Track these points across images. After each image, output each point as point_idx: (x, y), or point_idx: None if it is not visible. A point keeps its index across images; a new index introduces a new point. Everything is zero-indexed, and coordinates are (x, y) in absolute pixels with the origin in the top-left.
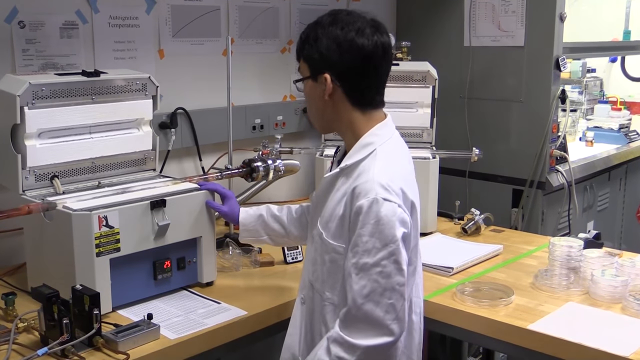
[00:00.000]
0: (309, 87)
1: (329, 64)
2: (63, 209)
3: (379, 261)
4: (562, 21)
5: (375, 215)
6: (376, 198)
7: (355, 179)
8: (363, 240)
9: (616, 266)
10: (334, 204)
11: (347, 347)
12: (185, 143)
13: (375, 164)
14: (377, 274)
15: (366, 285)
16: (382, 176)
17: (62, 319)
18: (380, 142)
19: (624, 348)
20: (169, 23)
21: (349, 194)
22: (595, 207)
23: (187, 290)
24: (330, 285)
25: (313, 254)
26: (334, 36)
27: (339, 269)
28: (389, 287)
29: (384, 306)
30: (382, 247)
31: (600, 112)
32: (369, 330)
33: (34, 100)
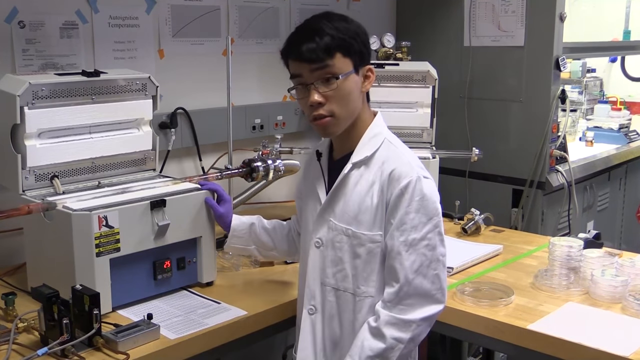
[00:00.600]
0: (349, 82)
1: (367, 56)
2: (63, 209)
3: (426, 234)
4: (562, 21)
5: (420, 192)
6: (419, 176)
7: (382, 166)
8: (410, 217)
9: (616, 266)
10: (359, 196)
11: (402, 325)
12: (185, 143)
13: (399, 149)
14: (424, 247)
15: (415, 260)
16: (413, 158)
17: (62, 319)
18: (385, 132)
19: (624, 348)
20: (169, 23)
21: (385, 181)
22: (595, 207)
23: (187, 290)
24: (366, 277)
25: (331, 256)
26: (364, 31)
27: (375, 258)
28: (435, 259)
29: (431, 277)
30: (427, 221)
31: (600, 112)
32: (419, 303)
33: (34, 100)
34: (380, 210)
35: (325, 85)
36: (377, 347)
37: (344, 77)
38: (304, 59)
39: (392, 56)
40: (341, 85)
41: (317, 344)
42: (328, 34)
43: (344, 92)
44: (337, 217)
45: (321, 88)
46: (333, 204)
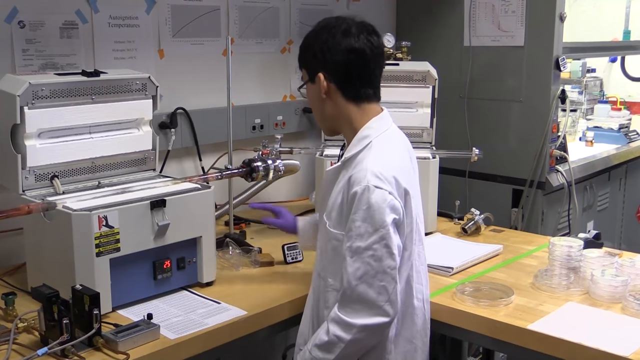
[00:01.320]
0: (310, 90)
1: (321, 64)
2: (63, 209)
3: (371, 245)
4: (562, 21)
5: (367, 202)
6: (368, 185)
7: (352, 169)
8: (356, 225)
9: (616, 266)
10: (335, 194)
11: (344, 326)
12: (185, 143)
13: (369, 155)
14: (369, 257)
15: (359, 268)
16: (375, 165)
17: (62, 319)
18: (375, 135)
19: (624, 348)
20: (169, 23)
21: (346, 183)
22: (595, 207)
23: (187, 290)
24: (332, 271)
25: (321, 244)
26: (324, 39)
27: (339, 255)
28: (381, 270)
29: (377, 288)
30: (373, 232)
31: (600, 112)
32: (363, 310)
33: (34, 100)
34: (344, 211)
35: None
36: (322, 339)
37: (305, 87)
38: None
39: (392, 56)
40: (307, 94)
41: (310, 319)
42: (300, 48)
43: (309, 99)
44: (323, 209)
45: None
46: (325, 197)
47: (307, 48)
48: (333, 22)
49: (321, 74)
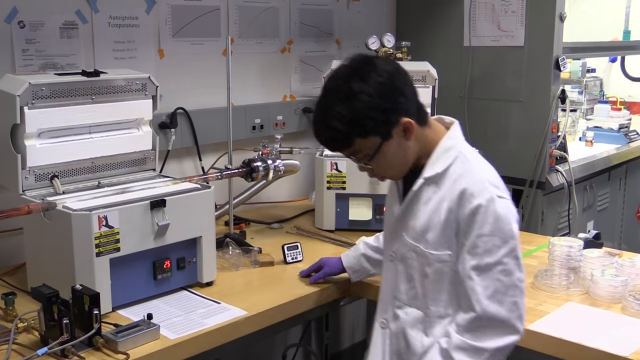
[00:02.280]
0: (387, 148)
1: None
2: (63, 209)
3: (501, 259)
4: (562, 21)
5: (494, 213)
6: (492, 197)
7: (455, 183)
8: (483, 240)
9: (616, 266)
10: (428, 214)
11: (474, 352)
12: (185, 143)
13: (475, 165)
14: (499, 272)
15: (489, 286)
16: (489, 174)
17: (62, 319)
18: (460, 145)
19: (624, 348)
20: (168, 23)
21: (454, 199)
22: (595, 207)
23: (187, 290)
24: (434, 297)
25: (404, 272)
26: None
27: (443, 277)
28: (511, 285)
29: (508, 305)
30: (502, 244)
31: (600, 112)
32: (494, 331)
33: (34, 100)
34: (449, 230)
35: (360, 162)
36: None
37: (375, 154)
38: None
39: (392, 56)
40: (375, 160)
41: (386, 358)
42: (334, 128)
43: (381, 161)
44: (408, 232)
45: (358, 162)
46: (405, 218)
47: (366, 112)
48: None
49: (404, 119)
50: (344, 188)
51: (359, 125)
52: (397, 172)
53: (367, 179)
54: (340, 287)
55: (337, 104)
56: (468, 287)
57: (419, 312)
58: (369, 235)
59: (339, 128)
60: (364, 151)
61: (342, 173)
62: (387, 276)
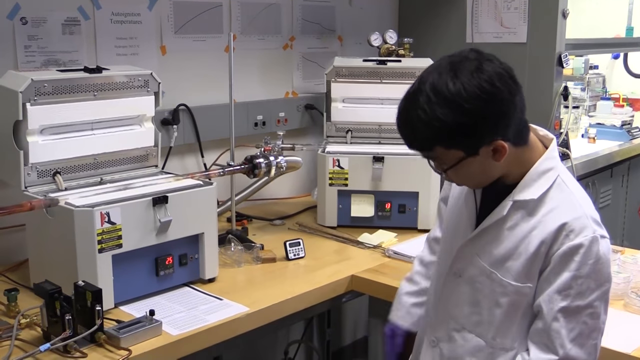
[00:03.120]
0: (471, 164)
1: (494, 130)
2: (65, 205)
3: (592, 302)
4: (564, 17)
5: (596, 255)
6: (595, 236)
7: (550, 212)
8: (578, 282)
9: (618, 263)
10: (514, 241)
11: None
12: (188, 139)
13: (574, 195)
14: (587, 315)
15: (574, 328)
16: (591, 210)
17: (64, 315)
18: (559, 168)
19: (626, 345)
20: (171, 19)
21: (551, 232)
22: (598, 204)
23: (189, 286)
24: (504, 330)
25: (470, 294)
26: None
27: (518, 310)
28: (596, 328)
29: (588, 348)
30: (596, 288)
31: (603, 108)
32: None
33: (36, 97)
34: (537, 263)
35: (437, 168)
36: None
37: (453, 166)
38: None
39: (394, 53)
40: (454, 171)
41: None
42: (421, 129)
43: (459, 173)
44: (483, 255)
45: (435, 169)
46: (482, 238)
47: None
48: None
49: (498, 142)
50: (346, 185)
51: (444, 133)
52: (475, 184)
53: (369, 176)
54: (342, 283)
55: (429, 103)
56: (552, 329)
57: (481, 340)
58: (371, 232)
59: (421, 131)
60: (443, 160)
61: (344, 170)
62: (445, 293)
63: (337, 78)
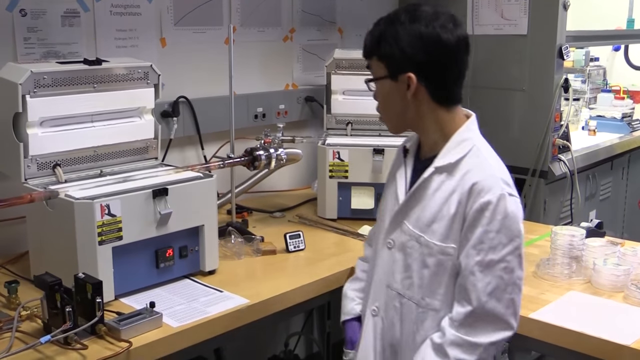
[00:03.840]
0: (387, 87)
1: (413, 62)
2: (65, 197)
3: (505, 256)
4: (565, 9)
5: (504, 211)
6: (503, 194)
7: (465, 175)
8: (490, 236)
9: (618, 255)
10: (437, 204)
11: (468, 347)
12: (188, 132)
13: (487, 159)
14: (501, 269)
15: (490, 282)
16: (500, 172)
17: (64, 307)
18: (475, 138)
19: (626, 337)
20: (170, 11)
21: (465, 192)
22: (598, 196)
23: (190, 278)
24: (432, 290)
25: (402, 260)
26: (418, 33)
27: (444, 271)
28: (511, 282)
29: (505, 301)
30: (508, 242)
31: (603, 101)
32: (489, 327)
33: (36, 89)
34: (456, 223)
35: (370, 80)
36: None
37: (379, 82)
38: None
39: None
40: (377, 89)
41: (377, 346)
42: (372, 34)
43: (379, 95)
44: (412, 221)
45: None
46: (410, 207)
47: (393, 40)
48: (426, 14)
49: (412, 75)
50: (346, 177)
51: (380, 45)
52: (387, 116)
53: (369, 168)
54: (342, 275)
55: (385, 21)
56: (469, 282)
57: (412, 303)
58: (371, 224)
59: (373, 37)
60: (373, 73)
61: (345, 162)
62: (381, 264)
63: (337, 70)
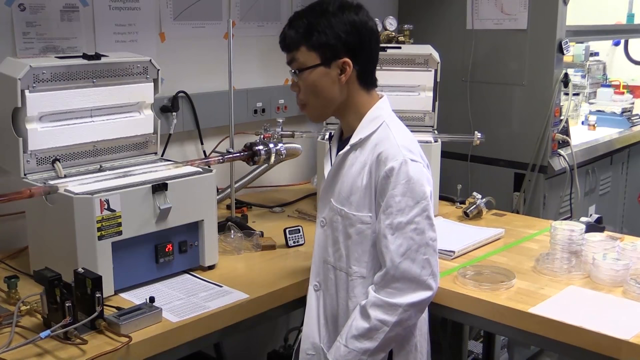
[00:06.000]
0: (318, 75)
1: (349, 48)
2: (65, 192)
3: (413, 218)
4: (565, 4)
5: (406, 175)
6: (405, 159)
7: (374, 148)
8: (396, 200)
9: (617, 250)
10: (352, 177)
11: (388, 308)
12: (187, 126)
13: (392, 132)
14: (411, 231)
15: (402, 244)
16: (404, 141)
17: (64, 302)
18: (386, 115)
19: (625, 331)
20: (170, 6)
21: (373, 163)
22: (597, 191)
23: (189, 273)
24: (357, 258)
25: (331, 235)
26: (351, 20)
27: (366, 239)
28: (423, 243)
29: (420, 262)
30: (414, 205)
31: (603, 95)
32: (407, 287)
33: (35, 84)
34: (368, 192)
35: (295, 76)
36: (361, 326)
37: (309, 71)
38: (281, 48)
39: (394, 39)
40: (306, 78)
41: (320, 319)
42: (295, 27)
43: (310, 84)
44: (335, 197)
45: (294, 77)
46: (333, 184)
47: (327, 28)
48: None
49: (349, 60)
50: None
51: (312, 34)
52: (316, 104)
53: None
54: None
55: (309, 13)
56: (383, 245)
57: (343, 273)
58: None
59: (299, 27)
60: (300, 63)
61: None
62: (318, 241)
63: None
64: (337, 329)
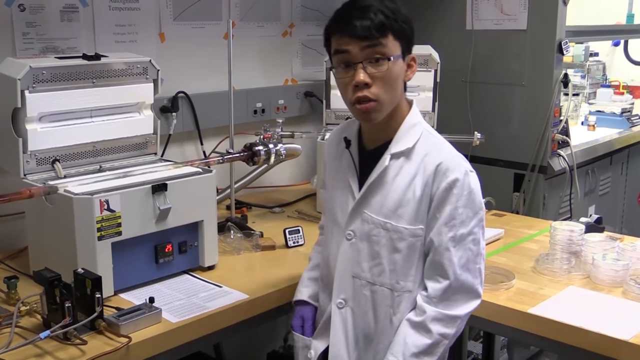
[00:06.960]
0: (400, 67)
1: (412, 43)
2: (64, 192)
3: (472, 229)
4: (565, 4)
5: (468, 187)
6: (466, 170)
7: (425, 158)
8: (459, 212)
9: (617, 250)
10: (401, 189)
11: (449, 321)
12: (187, 127)
13: (440, 141)
14: (470, 242)
15: (462, 256)
16: (454, 151)
17: (64, 303)
18: (423, 122)
19: (624, 332)
20: (169, 6)
21: (429, 173)
22: (597, 192)
23: (189, 274)
24: (404, 273)
25: (367, 249)
26: (411, 18)
27: (415, 252)
28: (478, 253)
29: (475, 272)
30: (473, 216)
31: (603, 96)
32: (464, 298)
33: (35, 84)
34: (423, 204)
35: (373, 66)
36: (422, 343)
37: (395, 60)
38: (357, 35)
39: None
40: (391, 68)
41: (349, 338)
42: (382, 13)
43: (392, 75)
44: (374, 210)
45: (369, 68)
46: (369, 196)
47: (407, 20)
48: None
49: (414, 56)
50: None
51: (399, 24)
52: (387, 100)
53: None
54: None
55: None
56: (445, 258)
57: (385, 289)
58: None
59: (386, 14)
60: (387, 51)
61: None
62: (344, 256)
63: None
64: (369, 348)
